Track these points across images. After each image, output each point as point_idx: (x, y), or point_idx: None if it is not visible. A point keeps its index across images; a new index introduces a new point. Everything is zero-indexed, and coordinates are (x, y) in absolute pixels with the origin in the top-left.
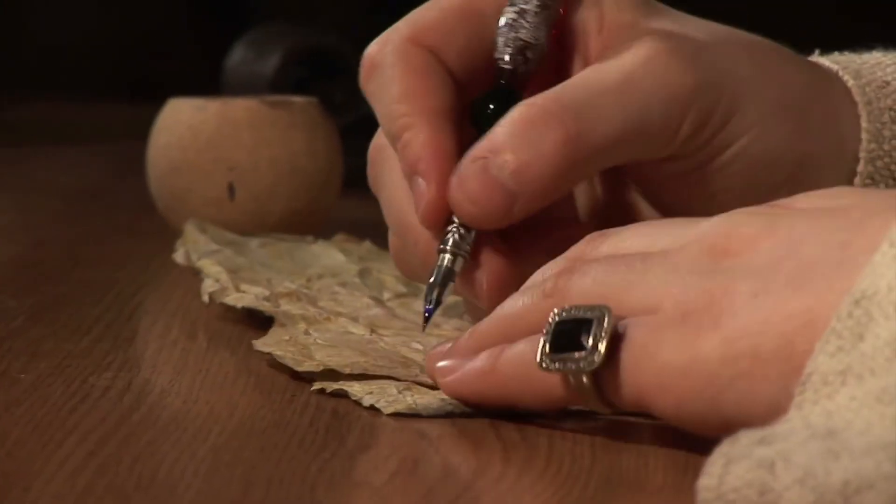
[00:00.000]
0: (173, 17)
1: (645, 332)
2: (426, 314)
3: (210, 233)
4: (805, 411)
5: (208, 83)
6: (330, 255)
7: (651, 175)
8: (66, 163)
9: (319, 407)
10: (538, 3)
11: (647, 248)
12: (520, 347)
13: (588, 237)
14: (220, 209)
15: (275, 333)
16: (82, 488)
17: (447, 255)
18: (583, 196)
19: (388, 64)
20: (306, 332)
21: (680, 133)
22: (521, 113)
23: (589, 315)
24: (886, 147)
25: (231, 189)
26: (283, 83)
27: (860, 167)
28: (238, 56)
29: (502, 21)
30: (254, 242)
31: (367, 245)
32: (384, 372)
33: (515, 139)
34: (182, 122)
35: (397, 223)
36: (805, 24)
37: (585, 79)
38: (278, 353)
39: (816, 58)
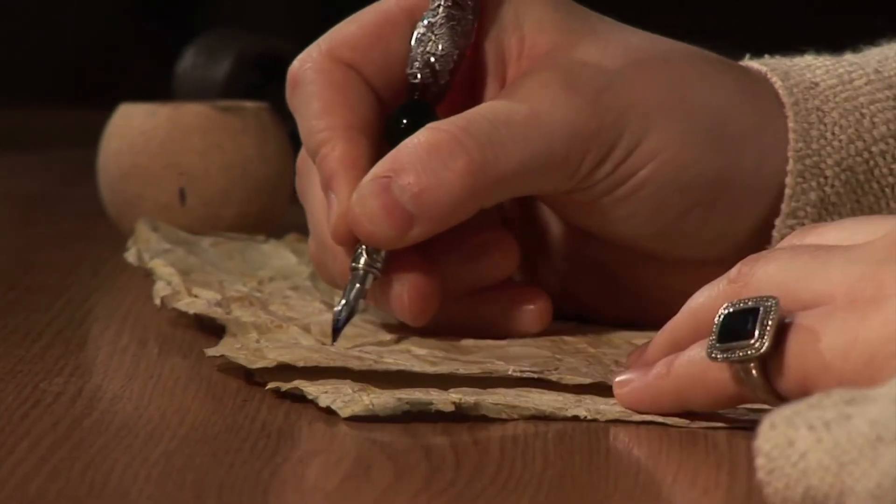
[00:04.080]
0: (123, 21)
1: (814, 320)
2: (334, 331)
3: (162, 231)
4: None
5: (159, 88)
6: (281, 255)
7: (560, 203)
8: (16, 169)
9: (271, 412)
10: (444, 16)
11: (845, 241)
12: (693, 350)
13: (800, 229)
14: (171, 214)
15: (226, 343)
16: (34, 494)
17: (358, 273)
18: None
19: (307, 80)
20: (257, 342)
21: (581, 169)
22: (427, 137)
23: (756, 305)
24: (815, 146)
25: (182, 194)
26: (234, 88)
27: (789, 166)
28: (189, 61)
29: (413, 36)
30: (205, 241)
31: None
32: (338, 363)
33: (419, 163)
34: (133, 127)
35: (316, 236)
36: (804, 23)
37: (493, 111)
38: (231, 354)
39: (747, 62)
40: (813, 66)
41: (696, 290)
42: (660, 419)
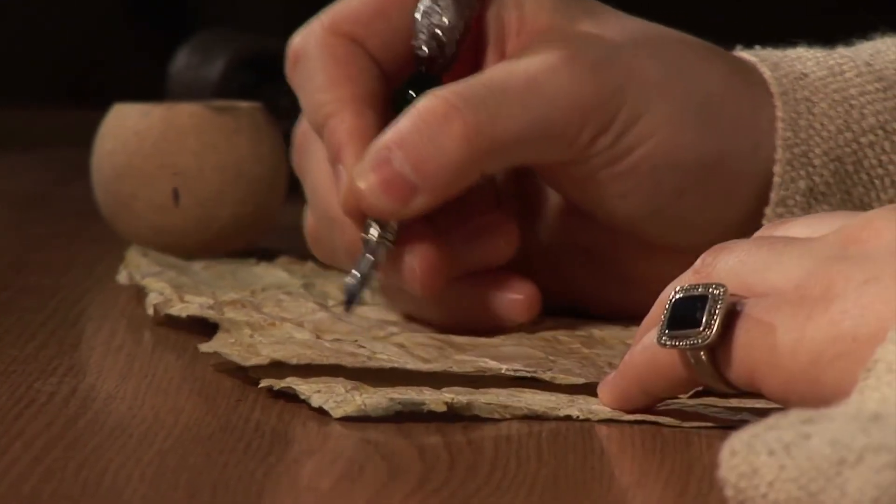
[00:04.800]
0: (117, 21)
1: (762, 310)
2: (348, 302)
3: (151, 256)
4: (865, 396)
5: (153, 88)
6: (273, 274)
7: (558, 177)
8: (10, 169)
9: (265, 412)
10: None
11: (809, 234)
12: (647, 337)
13: (772, 222)
14: (165, 215)
15: (220, 338)
16: (28, 494)
17: (371, 243)
18: (502, 179)
19: (311, 55)
20: (251, 336)
21: (580, 139)
22: (424, 105)
23: (705, 292)
24: (803, 136)
25: (176, 194)
26: (228, 88)
27: (778, 155)
28: (183, 61)
29: (419, 8)
30: (197, 265)
31: (310, 265)
32: (332, 361)
33: (417, 131)
34: (127, 127)
35: (321, 211)
36: (804, 23)
37: (490, 77)
38: (224, 350)
39: (738, 52)
40: (803, 58)
41: None
42: (651, 418)
